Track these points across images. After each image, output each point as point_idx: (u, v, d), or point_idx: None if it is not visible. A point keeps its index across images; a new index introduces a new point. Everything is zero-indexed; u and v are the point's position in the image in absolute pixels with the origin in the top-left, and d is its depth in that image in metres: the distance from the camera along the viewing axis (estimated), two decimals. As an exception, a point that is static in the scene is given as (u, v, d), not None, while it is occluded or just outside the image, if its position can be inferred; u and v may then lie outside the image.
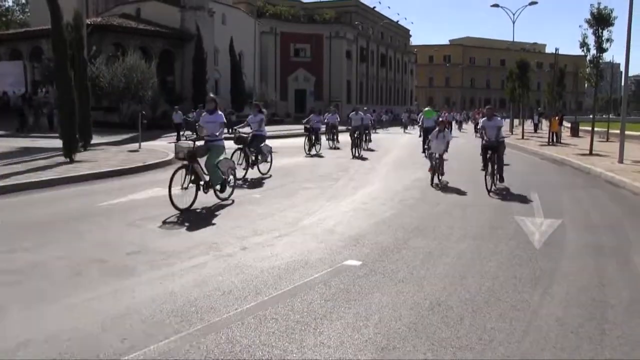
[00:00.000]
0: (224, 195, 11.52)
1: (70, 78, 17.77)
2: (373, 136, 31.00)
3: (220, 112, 11.78)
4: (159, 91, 37.79)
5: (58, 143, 18.23)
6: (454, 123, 47.87)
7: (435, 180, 14.46)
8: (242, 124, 16.78)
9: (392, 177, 16.52)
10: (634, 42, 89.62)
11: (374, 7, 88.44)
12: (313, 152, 23.58)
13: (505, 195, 13.06)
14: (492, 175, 13.46)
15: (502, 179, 13.97)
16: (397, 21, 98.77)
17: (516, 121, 51.49)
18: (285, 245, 7.93)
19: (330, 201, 11.83)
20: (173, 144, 13.81)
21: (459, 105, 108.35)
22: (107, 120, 37.50)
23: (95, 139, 22.73)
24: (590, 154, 23.38)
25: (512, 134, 41.10)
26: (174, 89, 47.74)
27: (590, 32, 23.57)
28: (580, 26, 24.46)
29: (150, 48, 46.02)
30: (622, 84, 28.26)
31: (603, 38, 23.35)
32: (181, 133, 30.27)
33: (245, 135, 15.70)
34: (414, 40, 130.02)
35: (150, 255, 7.28)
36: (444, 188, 14.01)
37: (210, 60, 49.13)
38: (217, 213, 10.35)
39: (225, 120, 11.91)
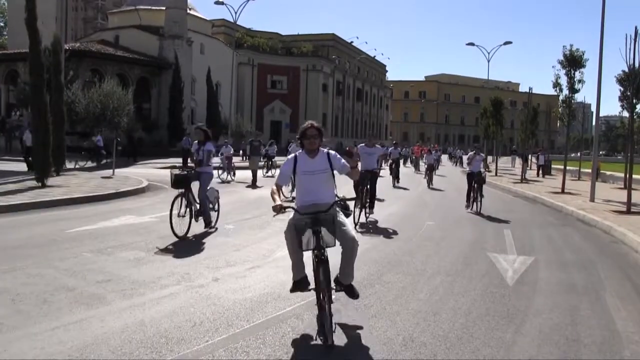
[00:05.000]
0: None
1: (46, 102, 17.64)
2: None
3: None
4: (134, 118, 37.61)
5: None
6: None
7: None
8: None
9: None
10: (604, 84, 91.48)
11: (351, 42, 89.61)
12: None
13: (479, 231, 13.13)
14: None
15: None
16: (374, 56, 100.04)
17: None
18: (258, 277, 7.84)
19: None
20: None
21: (433, 140, 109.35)
22: (81, 145, 37.18)
23: (69, 164, 22.50)
24: (562, 192, 23.64)
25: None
26: (150, 116, 47.60)
27: (562, 72, 24.13)
28: (553, 67, 24.96)
29: (128, 75, 46.00)
30: (593, 123, 28.75)
31: (575, 79, 23.89)
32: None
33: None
34: (390, 76, 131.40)
35: (120, 284, 7.15)
36: (418, 223, 14.04)
37: (187, 89, 49.21)
38: (189, 243, 10.23)
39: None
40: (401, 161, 48.05)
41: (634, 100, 19.96)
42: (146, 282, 7.25)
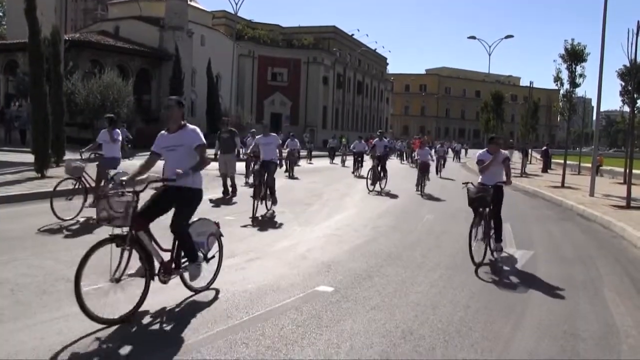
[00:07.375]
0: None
1: (46, 93, 17.58)
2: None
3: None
4: (134, 110, 37.59)
5: (30, 158, 17.94)
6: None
7: None
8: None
9: (365, 204, 16.52)
10: (605, 79, 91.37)
11: (352, 35, 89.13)
12: None
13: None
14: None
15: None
16: (375, 49, 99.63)
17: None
18: (258, 269, 7.84)
19: (303, 226, 11.77)
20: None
21: (434, 133, 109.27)
22: (80, 136, 37.16)
23: (68, 155, 22.43)
24: (562, 186, 23.65)
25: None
26: (150, 107, 47.54)
27: (564, 67, 24.07)
28: (554, 61, 24.96)
29: (128, 66, 45.84)
30: (594, 118, 28.74)
31: (576, 73, 23.84)
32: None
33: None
34: (391, 69, 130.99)
35: (119, 275, 7.13)
36: (417, 218, 14.05)
37: (187, 80, 49.06)
38: (189, 234, 10.21)
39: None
40: (394, 157, 45.84)
41: (635, 95, 19.95)
42: (145, 273, 7.23)
